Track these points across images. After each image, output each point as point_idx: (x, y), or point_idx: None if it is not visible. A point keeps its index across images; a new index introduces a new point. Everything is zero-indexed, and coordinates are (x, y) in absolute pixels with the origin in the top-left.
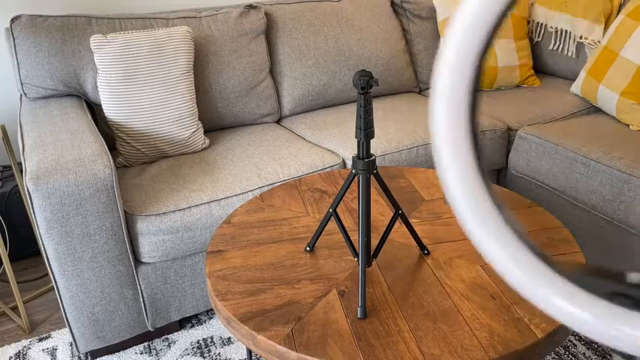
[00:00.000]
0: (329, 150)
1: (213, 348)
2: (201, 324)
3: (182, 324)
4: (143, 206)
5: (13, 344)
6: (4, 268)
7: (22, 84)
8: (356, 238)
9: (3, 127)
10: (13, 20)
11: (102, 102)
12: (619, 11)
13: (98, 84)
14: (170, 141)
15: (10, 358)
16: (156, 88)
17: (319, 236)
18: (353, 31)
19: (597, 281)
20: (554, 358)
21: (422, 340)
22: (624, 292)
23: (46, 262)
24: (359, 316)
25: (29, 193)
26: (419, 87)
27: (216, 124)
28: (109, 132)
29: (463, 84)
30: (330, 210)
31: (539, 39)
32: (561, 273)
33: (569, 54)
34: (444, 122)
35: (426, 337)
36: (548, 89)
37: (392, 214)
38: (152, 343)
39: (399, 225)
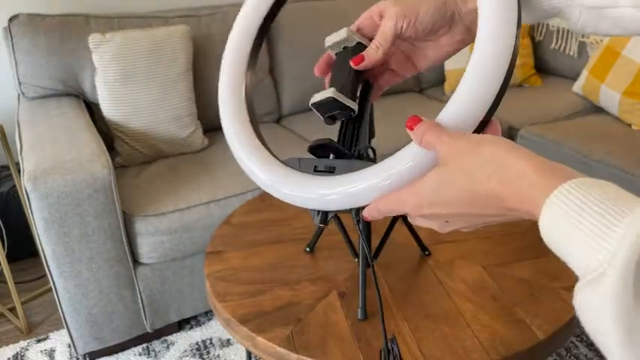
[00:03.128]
0: None
1: (212, 349)
2: (200, 325)
3: (181, 325)
4: (142, 206)
5: (11, 345)
6: (1, 269)
7: (20, 83)
8: (356, 238)
9: (1, 127)
10: (11, 19)
11: (100, 101)
12: None
13: (96, 83)
14: (169, 141)
15: (8, 359)
16: (154, 87)
17: (319, 237)
18: None
19: (306, 161)
20: (555, 359)
21: (423, 342)
22: (325, 166)
23: (44, 262)
24: (359, 317)
25: (27, 193)
26: (419, 86)
27: (215, 124)
28: (107, 132)
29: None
30: None
31: (541, 38)
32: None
33: (571, 53)
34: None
35: (427, 338)
36: (549, 89)
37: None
38: (151, 345)
39: (399, 225)
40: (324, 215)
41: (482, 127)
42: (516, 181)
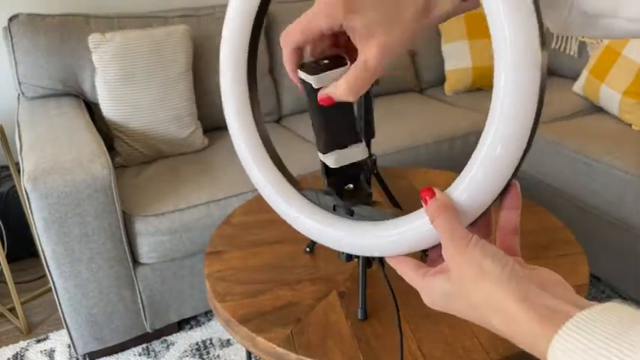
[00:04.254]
0: None
1: (212, 350)
2: (200, 325)
3: (181, 325)
4: (141, 206)
5: (10, 345)
6: (1, 269)
7: (19, 83)
8: None
9: (1, 127)
10: (11, 19)
11: (100, 101)
12: None
13: (96, 83)
14: (169, 141)
15: (8, 359)
16: (154, 87)
17: None
18: None
19: (324, 197)
20: None
21: (423, 342)
22: (342, 205)
23: (44, 262)
24: (359, 317)
25: (27, 194)
26: (419, 86)
27: (215, 124)
28: (107, 132)
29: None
30: None
31: None
32: (301, 192)
33: (571, 53)
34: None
35: (427, 338)
36: (549, 88)
37: None
38: (150, 345)
39: None
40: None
41: (502, 194)
42: (515, 326)
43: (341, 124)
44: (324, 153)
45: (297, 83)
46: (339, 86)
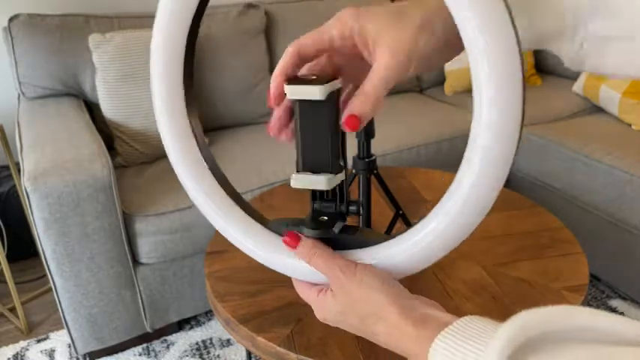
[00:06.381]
0: None
1: (212, 349)
2: (201, 325)
3: (181, 325)
4: (142, 206)
5: (10, 345)
6: (1, 269)
7: (20, 83)
8: None
9: (1, 127)
10: (11, 19)
11: (100, 101)
12: None
13: (96, 83)
14: None
15: (8, 359)
16: None
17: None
18: None
19: (307, 230)
20: None
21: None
22: (328, 236)
23: (44, 262)
24: None
25: (27, 194)
26: (420, 86)
27: (215, 124)
28: (107, 132)
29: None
30: None
31: None
32: (263, 223)
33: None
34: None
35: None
36: (549, 89)
37: (393, 215)
38: (151, 345)
39: (399, 226)
40: None
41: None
42: (397, 331)
43: (320, 148)
44: (296, 171)
45: (271, 94)
46: (358, 100)
